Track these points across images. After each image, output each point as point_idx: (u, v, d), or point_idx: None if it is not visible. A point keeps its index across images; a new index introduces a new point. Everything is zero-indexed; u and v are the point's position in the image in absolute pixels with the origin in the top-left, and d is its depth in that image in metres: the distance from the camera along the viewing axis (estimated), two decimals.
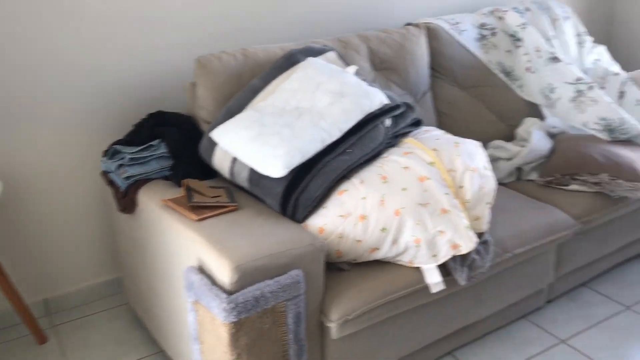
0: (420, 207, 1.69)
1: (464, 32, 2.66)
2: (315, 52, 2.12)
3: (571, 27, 2.96)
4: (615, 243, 2.37)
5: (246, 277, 1.46)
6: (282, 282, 1.48)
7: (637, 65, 3.55)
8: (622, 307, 2.31)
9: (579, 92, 2.49)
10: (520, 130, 2.52)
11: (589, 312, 2.28)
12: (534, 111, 2.72)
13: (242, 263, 1.46)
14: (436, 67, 2.59)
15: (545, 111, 2.67)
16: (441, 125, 2.57)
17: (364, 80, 2.01)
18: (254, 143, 1.73)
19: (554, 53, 2.62)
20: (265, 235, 1.59)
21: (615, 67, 2.96)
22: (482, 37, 2.70)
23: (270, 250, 1.53)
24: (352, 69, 2.05)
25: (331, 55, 2.13)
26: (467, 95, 2.62)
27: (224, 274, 1.47)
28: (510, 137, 2.67)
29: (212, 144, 1.88)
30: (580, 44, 2.97)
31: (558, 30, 2.88)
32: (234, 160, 1.82)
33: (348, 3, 2.66)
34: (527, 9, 2.87)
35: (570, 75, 2.54)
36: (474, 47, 2.67)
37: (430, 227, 1.68)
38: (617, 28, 3.62)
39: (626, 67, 3.64)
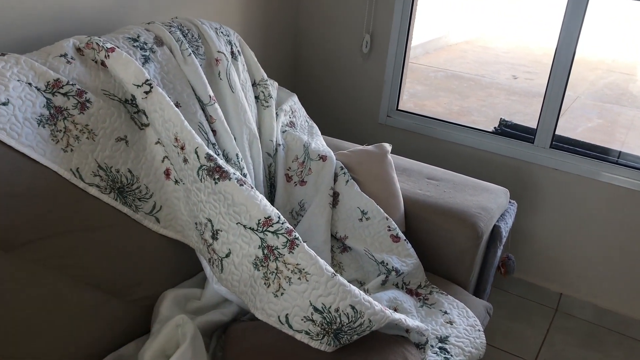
0: None
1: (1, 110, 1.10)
2: None
3: (243, 73, 1.64)
4: None
5: None
6: None
7: (326, 109, 2.49)
8: None
9: (272, 252, 1.17)
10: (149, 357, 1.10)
11: None
12: (188, 265, 1.34)
13: None
14: None
15: (208, 269, 1.30)
16: None
17: None
18: None
19: (213, 157, 1.24)
20: None
21: (320, 141, 1.76)
22: (54, 117, 1.18)
23: None
24: None
25: None
26: (19, 264, 1.08)
27: None
28: (138, 330, 1.25)
29: None
30: (262, 100, 1.68)
31: (222, 83, 1.53)
32: None
33: None
34: (158, 43, 1.43)
35: (251, 212, 1.20)
36: (32, 141, 1.13)
37: None
38: (302, 65, 2.48)
39: (318, 116, 2.55)
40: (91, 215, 1.19)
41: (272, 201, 1.64)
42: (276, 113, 1.73)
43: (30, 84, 1.17)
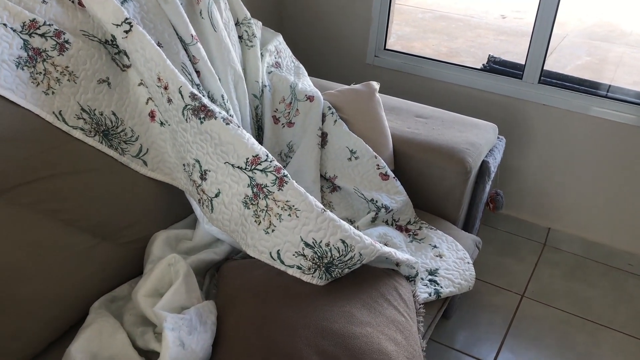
0: None
1: None
2: None
3: (226, 11, 1.60)
4: None
5: None
6: None
7: (312, 50, 2.44)
8: None
9: (261, 190, 1.17)
10: (142, 302, 1.10)
11: None
12: (178, 207, 1.34)
13: None
14: None
15: (198, 210, 1.31)
16: None
17: None
18: None
19: (197, 96, 1.22)
20: None
21: (306, 81, 1.74)
22: (32, 59, 1.15)
23: None
24: None
25: None
26: (8, 208, 1.08)
27: None
28: (132, 272, 1.26)
29: None
30: (246, 40, 1.65)
31: (204, 22, 1.49)
32: None
33: None
34: None
35: (239, 151, 1.19)
36: (11, 84, 1.11)
37: None
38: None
39: (306, 60, 2.50)
40: (77, 159, 1.18)
41: (260, 144, 1.63)
42: (261, 53, 1.70)
43: (5, 24, 1.13)
